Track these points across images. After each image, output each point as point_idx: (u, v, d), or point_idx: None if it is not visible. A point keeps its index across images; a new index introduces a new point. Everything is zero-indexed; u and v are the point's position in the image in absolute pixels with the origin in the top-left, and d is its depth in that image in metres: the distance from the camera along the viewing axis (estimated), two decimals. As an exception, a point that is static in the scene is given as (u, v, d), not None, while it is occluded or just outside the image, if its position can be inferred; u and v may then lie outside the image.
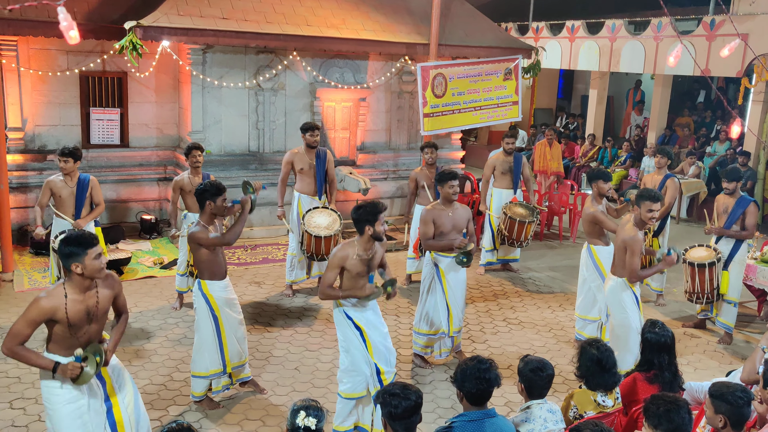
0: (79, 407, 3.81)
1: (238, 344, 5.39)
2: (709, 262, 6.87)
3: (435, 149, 8.15)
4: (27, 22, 8.40)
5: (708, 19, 12.24)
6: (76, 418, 3.80)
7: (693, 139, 15.15)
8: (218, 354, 5.27)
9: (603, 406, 4.02)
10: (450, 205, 6.11)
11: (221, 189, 5.22)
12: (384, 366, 4.87)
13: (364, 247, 4.91)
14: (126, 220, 9.97)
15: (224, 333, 5.28)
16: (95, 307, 3.82)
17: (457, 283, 6.18)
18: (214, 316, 5.26)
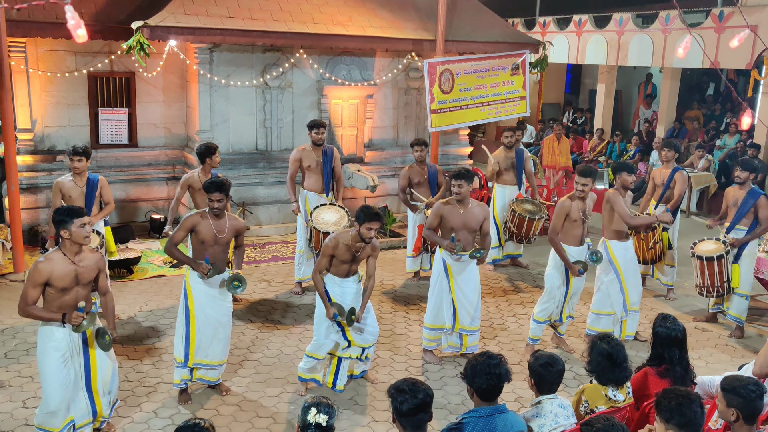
0: (63, 354, 4.50)
1: (213, 344, 5.35)
2: (717, 255, 6.84)
3: (425, 146, 8.15)
4: (35, 23, 8.44)
5: (717, 11, 12.15)
6: (59, 362, 4.49)
7: (702, 132, 15.05)
8: (183, 344, 5.31)
9: (614, 400, 4.00)
10: (462, 203, 6.04)
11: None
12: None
13: (353, 240, 5.38)
14: (135, 220, 10.01)
15: (194, 327, 5.28)
16: (82, 271, 4.51)
17: (467, 281, 6.11)
18: (186, 308, 5.30)
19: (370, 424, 5.24)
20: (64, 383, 4.52)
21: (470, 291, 6.15)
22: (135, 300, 7.44)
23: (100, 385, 4.71)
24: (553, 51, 13.44)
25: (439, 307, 6.15)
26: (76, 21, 4.07)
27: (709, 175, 12.52)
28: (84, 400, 4.67)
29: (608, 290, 6.54)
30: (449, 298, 6.11)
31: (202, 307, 5.31)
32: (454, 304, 6.10)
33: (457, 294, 6.09)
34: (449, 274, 6.09)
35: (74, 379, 4.59)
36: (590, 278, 6.68)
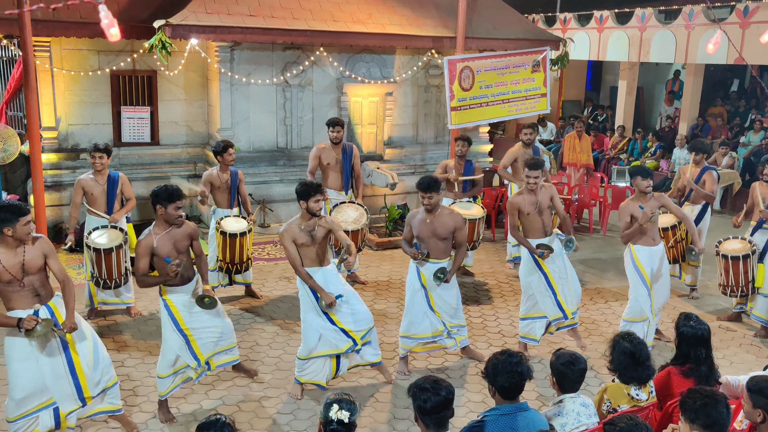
0: (29, 365, 4.52)
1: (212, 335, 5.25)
2: (743, 255, 6.74)
3: (468, 142, 8.13)
4: (59, 23, 8.54)
5: (741, 5, 11.98)
6: (24, 352, 4.51)
7: (726, 129, 14.85)
8: (187, 351, 5.15)
9: (637, 399, 3.97)
10: (431, 213, 5.78)
11: (174, 195, 5.06)
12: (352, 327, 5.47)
13: (305, 221, 5.48)
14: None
15: (189, 332, 5.13)
16: (26, 262, 4.49)
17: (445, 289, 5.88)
18: (173, 320, 5.12)
19: (390, 422, 5.24)
20: (30, 374, 4.51)
21: (449, 297, 5.94)
22: (157, 296, 7.45)
23: (84, 368, 4.67)
24: (573, 48, 13.33)
25: (420, 319, 5.93)
26: (109, 20, 4.14)
27: (733, 172, 12.35)
28: (69, 386, 4.64)
29: (636, 296, 6.38)
30: (428, 308, 5.91)
31: (189, 316, 5.16)
32: (435, 313, 5.92)
33: (437, 302, 5.90)
34: (425, 287, 5.88)
35: (52, 367, 4.57)
36: (603, 280, 6.62)
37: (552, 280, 6.23)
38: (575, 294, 6.43)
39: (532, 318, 6.35)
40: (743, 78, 17.61)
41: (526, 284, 6.32)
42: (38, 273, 4.57)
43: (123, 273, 6.64)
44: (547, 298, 6.24)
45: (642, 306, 6.34)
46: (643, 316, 6.35)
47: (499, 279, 8.50)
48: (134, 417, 5.20)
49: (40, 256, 4.56)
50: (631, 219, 6.26)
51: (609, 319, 7.28)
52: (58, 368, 4.62)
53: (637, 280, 6.35)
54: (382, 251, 9.45)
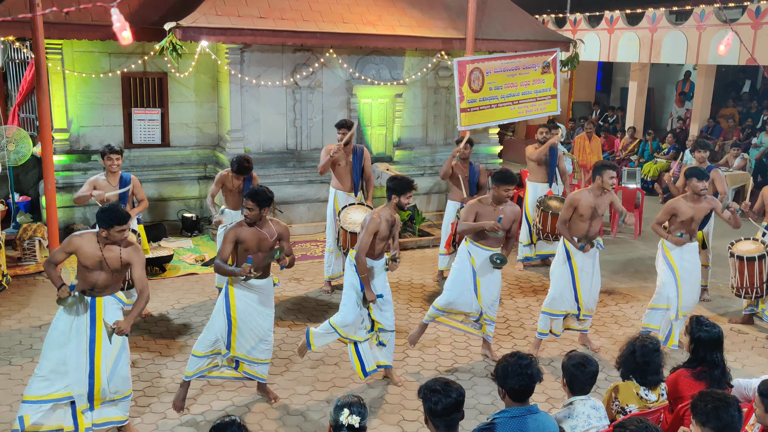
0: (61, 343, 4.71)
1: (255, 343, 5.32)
2: (758, 255, 6.71)
3: (470, 145, 8.12)
4: (71, 25, 8.60)
5: (753, 6, 11.91)
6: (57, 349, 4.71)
7: (738, 130, 14.76)
8: (226, 336, 5.26)
9: (646, 400, 3.95)
10: (498, 205, 6.06)
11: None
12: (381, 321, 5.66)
13: (391, 215, 5.60)
14: (167, 218, 10.15)
15: (235, 322, 5.23)
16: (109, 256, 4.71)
17: (490, 277, 6.09)
18: (227, 307, 5.25)
19: (399, 423, 5.24)
20: (59, 353, 4.68)
21: (494, 287, 6.14)
22: (167, 298, 7.54)
23: (103, 367, 4.72)
24: (584, 49, 13.30)
25: (461, 298, 6.10)
26: (121, 23, 4.16)
27: (745, 174, 12.28)
28: (85, 380, 4.71)
29: (663, 283, 6.43)
30: (473, 290, 6.07)
31: (245, 308, 5.27)
32: (477, 296, 6.07)
33: (482, 289, 6.07)
34: (474, 268, 6.06)
35: (77, 353, 4.69)
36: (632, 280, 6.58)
37: (577, 275, 6.28)
38: (593, 299, 6.44)
39: (552, 315, 6.37)
40: (755, 79, 17.51)
41: (556, 276, 6.37)
42: (112, 273, 4.75)
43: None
44: (567, 291, 6.29)
45: (668, 293, 6.36)
46: (667, 303, 6.37)
47: (509, 280, 8.48)
48: (144, 417, 5.22)
49: (123, 260, 4.74)
50: (672, 217, 6.33)
51: (619, 322, 7.25)
52: (81, 358, 4.72)
53: (666, 268, 6.41)
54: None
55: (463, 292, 6.10)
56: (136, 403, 5.36)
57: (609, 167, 6.26)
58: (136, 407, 5.32)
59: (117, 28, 4.09)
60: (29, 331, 6.58)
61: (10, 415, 5.13)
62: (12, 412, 5.16)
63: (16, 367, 5.86)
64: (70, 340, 4.71)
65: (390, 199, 5.58)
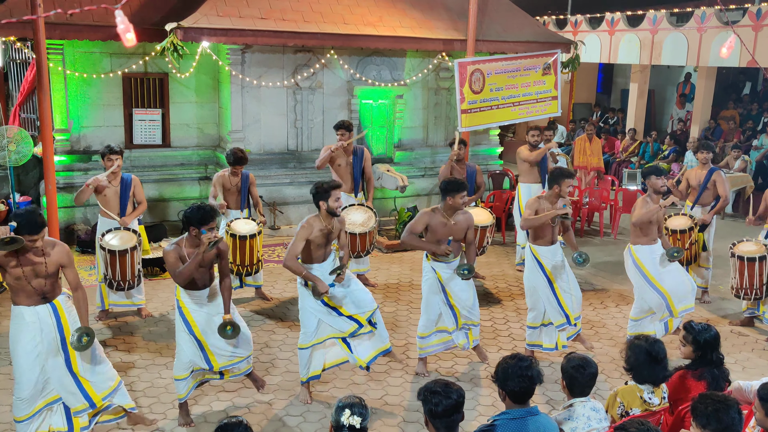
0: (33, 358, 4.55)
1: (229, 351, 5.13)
2: (759, 256, 6.72)
3: (464, 145, 8.12)
4: (73, 26, 8.61)
5: (754, 8, 11.91)
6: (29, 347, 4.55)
7: (738, 132, 14.77)
8: (201, 357, 5.06)
9: (649, 403, 3.95)
10: (453, 214, 5.80)
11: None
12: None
13: (325, 221, 5.43)
14: (168, 219, 10.15)
15: (200, 335, 5.03)
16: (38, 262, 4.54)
17: (460, 285, 5.91)
18: (185, 322, 5.03)
19: (400, 425, 5.24)
20: (34, 368, 4.55)
21: (467, 295, 5.96)
22: (167, 298, 7.54)
23: (80, 367, 4.67)
24: (584, 50, 13.30)
25: (437, 318, 5.97)
26: (125, 25, 4.16)
27: (746, 176, 12.28)
28: (72, 385, 4.66)
29: (642, 296, 6.43)
30: (447, 303, 5.92)
31: (204, 324, 5.04)
32: (453, 309, 5.93)
33: (455, 298, 5.92)
34: (444, 287, 5.90)
35: (54, 363, 4.59)
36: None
37: (555, 285, 6.19)
38: (577, 300, 6.40)
39: (537, 328, 6.30)
40: (756, 81, 17.51)
41: (532, 288, 6.27)
42: (50, 277, 4.60)
43: (136, 274, 6.68)
44: (550, 304, 6.20)
45: (650, 305, 6.38)
46: (650, 310, 6.42)
47: (509, 282, 8.48)
48: (167, 413, 5.23)
49: (54, 263, 4.59)
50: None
51: (619, 323, 7.25)
52: (59, 365, 4.64)
53: (642, 281, 6.39)
54: (392, 254, 9.45)
55: (435, 314, 5.96)
56: (136, 404, 5.36)
57: (567, 176, 6.11)
58: (136, 407, 5.31)
59: (121, 30, 4.10)
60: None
61: (10, 416, 5.13)
62: (12, 412, 5.16)
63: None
64: (41, 355, 4.57)
65: (318, 207, 5.44)
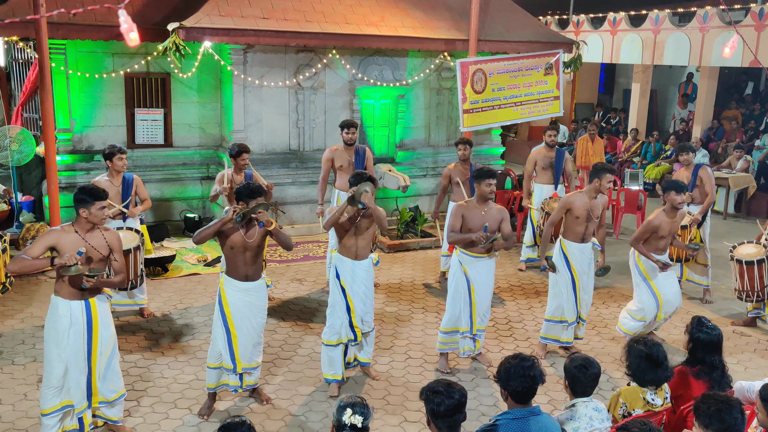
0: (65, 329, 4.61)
1: (251, 347, 5.22)
2: (758, 259, 6.70)
3: (469, 145, 8.12)
4: (75, 26, 8.62)
5: (757, 8, 11.90)
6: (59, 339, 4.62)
7: (741, 132, 14.74)
8: (227, 350, 5.16)
9: (652, 404, 3.95)
10: (484, 203, 5.91)
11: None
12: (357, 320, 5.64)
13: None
14: (170, 219, 10.16)
15: (234, 333, 5.13)
16: (90, 248, 4.61)
17: (483, 285, 5.96)
18: (223, 314, 5.14)
19: (401, 425, 5.24)
20: (61, 359, 4.62)
21: (486, 295, 6.01)
22: (170, 298, 7.55)
23: (98, 367, 4.75)
24: (586, 50, 13.30)
25: (459, 312, 5.99)
26: (129, 25, 4.17)
27: (748, 176, 12.27)
28: (83, 384, 4.73)
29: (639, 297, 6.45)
30: (468, 302, 5.95)
31: (240, 311, 5.15)
32: (472, 308, 5.95)
33: (476, 296, 5.94)
34: (469, 279, 5.92)
35: (75, 358, 4.66)
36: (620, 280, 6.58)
37: (577, 280, 6.23)
38: (587, 303, 6.42)
39: (555, 322, 6.34)
40: (758, 81, 17.48)
41: (558, 284, 6.29)
42: (98, 262, 4.68)
43: (138, 274, 6.68)
44: (568, 299, 6.24)
45: (643, 305, 6.40)
46: (644, 316, 6.41)
47: (511, 281, 8.48)
48: (146, 417, 5.23)
49: (105, 247, 4.69)
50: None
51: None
52: (79, 362, 4.69)
53: (639, 280, 6.42)
54: (394, 253, 9.45)
55: (460, 309, 5.98)
56: (138, 403, 5.37)
57: (609, 171, 6.13)
58: (138, 407, 5.33)
59: (124, 30, 4.10)
60: (32, 330, 6.59)
61: (13, 414, 5.14)
62: (15, 411, 5.17)
63: (19, 367, 5.87)
64: (68, 346, 4.66)
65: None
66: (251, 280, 5.18)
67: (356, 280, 5.59)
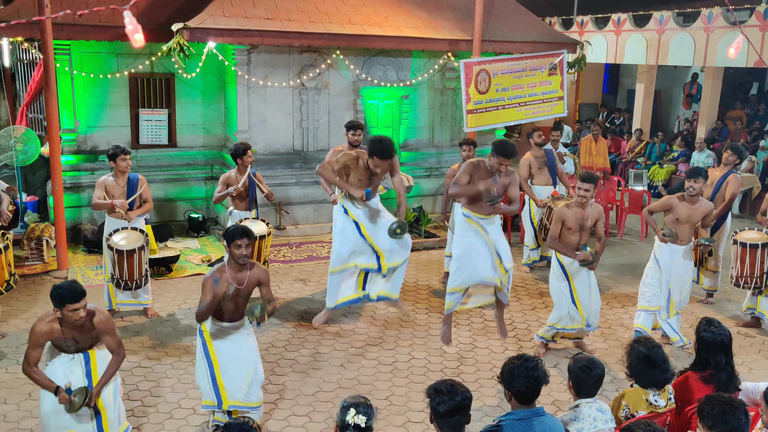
0: (60, 417, 4.36)
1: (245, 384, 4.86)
2: (762, 243, 6.73)
3: (473, 146, 8.10)
4: (79, 26, 8.64)
5: (761, 8, 11.87)
6: (57, 426, 4.38)
7: (745, 132, 14.71)
8: (210, 386, 4.83)
9: (655, 405, 3.94)
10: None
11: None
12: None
13: None
14: (174, 219, 10.17)
15: (218, 368, 4.80)
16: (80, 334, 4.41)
17: (501, 237, 6.06)
18: (204, 347, 4.85)
19: (405, 425, 5.24)
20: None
21: (504, 245, 6.06)
22: (174, 298, 7.56)
23: (107, 414, 4.48)
24: (591, 51, 13.27)
25: (474, 269, 5.95)
26: (134, 26, 4.18)
27: (753, 176, 12.24)
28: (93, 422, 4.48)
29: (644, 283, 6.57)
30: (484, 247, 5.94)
31: (222, 346, 4.84)
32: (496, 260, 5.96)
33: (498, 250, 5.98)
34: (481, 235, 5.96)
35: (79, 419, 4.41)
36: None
37: (575, 291, 6.23)
38: (595, 313, 6.41)
39: (557, 329, 6.38)
40: (763, 81, 17.44)
41: (558, 292, 6.31)
42: (86, 340, 4.47)
43: (143, 274, 6.70)
44: (572, 308, 6.26)
45: (650, 296, 6.46)
46: (652, 305, 6.47)
47: (515, 283, 8.47)
48: (150, 417, 5.24)
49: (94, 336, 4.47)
50: (668, 214, 6.44)
51: (625, 324, 7.23)
52: (86, 418, 4.45)
53: (651, 269, 6.51)
54: (398, 254, 9.44)
55: (477, 264, 5.93)
56: (142, 403, 5.38)
57: (582, 178, 6.12)
58: (142, 407, 5.34)
59: (129, 31, 4.12)
60: (36, 330, 6.60)
61: (17, 414, 5.16)
62: (19, 411, 5.19)
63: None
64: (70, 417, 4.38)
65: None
66: (234, 321, 4.89)
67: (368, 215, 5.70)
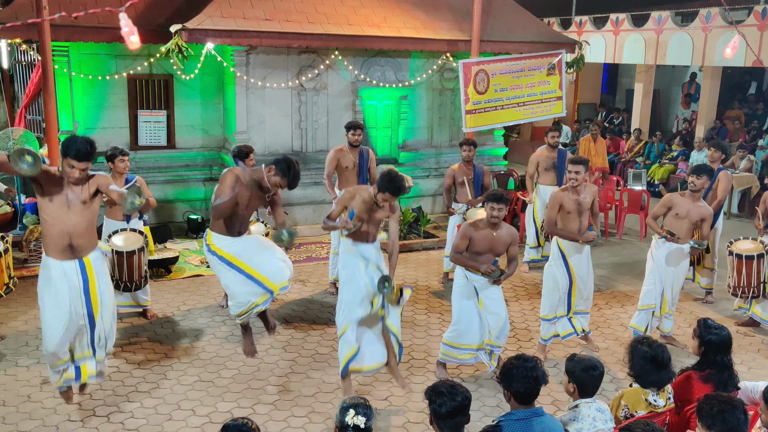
0: (58, 291, 4.72)
1: (278, 262, 5.23)
2: (757, 254, 6.72)
3: (473, 146, 8.11)
4: (78, 28, 8.65)
5: (759, 8, 11.88)
6: (54, 302, 4.76)
7: (744, 132, 14.73)
8: (255, 285, 5.17)
9: (654, 405, 3.94)
10: (494, 226, 5.60)
11: None
12: None
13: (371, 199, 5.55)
14: (173, 220, 10.17)
15: (247, 267, 5.14)
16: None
17: (493, 300, 5.71)
18: (226, 262, 5.17)
19: (405, 425, 5.24)
20: (58, 324, 4.76)
21: (498, 309, 5.71)
22: (173, 299, 7.56)
23: (101, 320, 4.92)
24: (589, 50, 13.29)
25: (467, 327, 5.75)
26: (129, 28, 4.20)
27: (751, 176, 12.25)
28: (87, 341, 4.95)
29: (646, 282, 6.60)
30: (478, 316, 5.73)
31: (237, 249, 5.16)
32: (480, 319, 5.74)
33: (485, 312, 5.71)
34: (476, 290, 5.70)
35: (75, 322, 4.81)
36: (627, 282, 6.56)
37: (574, 277, 6.26)
38: (587, 297, 6.43)
39: (551, 320, 6.37)
40: (761, 81, 17.46)
41: (552, 278, 6.29)
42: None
43: (142, 276, 6.69)
44: (562, 297, 6.29)
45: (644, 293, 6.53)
46: (649, 304, 6.49)
47: (514, 282, 8.47)
48: (149, 419, 5.23)
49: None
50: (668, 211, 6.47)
51: (624, 323, 7.23)
52: (80, 321, 4.84)
53: (650, 267, 6.55)
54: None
55: (470, 323, 5.74)
56: (141, 404, 5.38)
57: (571, 161, 6.24)
58: (141, 408, 5.33)
59: (125, 33, 4.13)
60: (36, 332, 6.60)
61: (17, 416, 5.16)
62: (19, 413, 5.18)
63: (22, 369, 5.88)
64: (66, 311, 4.76)
65: None
66: (240, 234, 5.25)
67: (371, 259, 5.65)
